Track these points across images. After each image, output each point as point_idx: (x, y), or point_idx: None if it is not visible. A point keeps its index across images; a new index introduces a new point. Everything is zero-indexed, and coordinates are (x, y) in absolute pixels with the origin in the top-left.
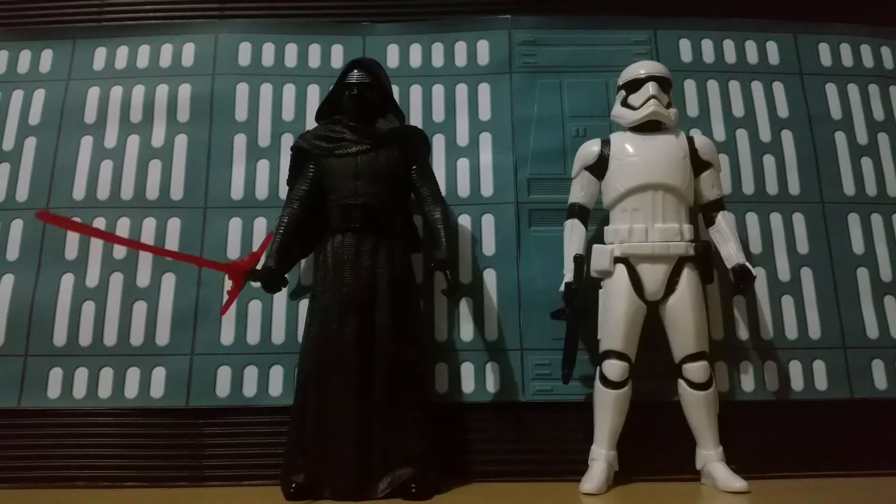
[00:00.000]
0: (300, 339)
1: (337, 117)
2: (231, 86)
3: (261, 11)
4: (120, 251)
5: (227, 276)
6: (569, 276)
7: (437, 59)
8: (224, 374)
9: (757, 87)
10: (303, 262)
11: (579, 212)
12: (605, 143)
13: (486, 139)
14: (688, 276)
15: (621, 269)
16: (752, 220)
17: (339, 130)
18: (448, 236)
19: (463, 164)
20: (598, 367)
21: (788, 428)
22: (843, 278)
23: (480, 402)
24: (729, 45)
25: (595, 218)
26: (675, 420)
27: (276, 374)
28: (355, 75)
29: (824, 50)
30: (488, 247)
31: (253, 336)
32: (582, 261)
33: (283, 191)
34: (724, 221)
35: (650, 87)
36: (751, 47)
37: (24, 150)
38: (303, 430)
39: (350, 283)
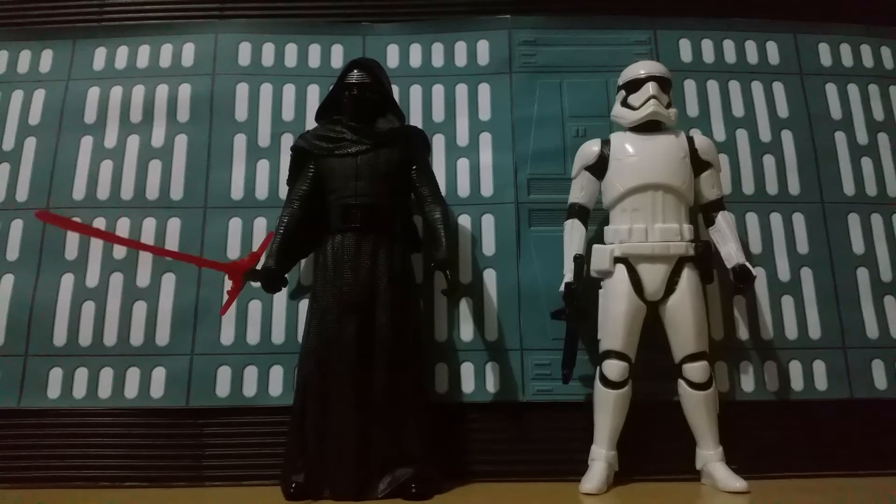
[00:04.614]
0: (300, 339)
1: (337, 117)
2: (231, 86)
3: (261, 11)
4: (120, 251)
5: (227, 276)
6: (569, 276)
7: (437, 59)
8: (224, 374)
9: (757, 87)
10: (303, 262)
11: (579, 212)
12: (605, 143)
13: (486, 139)
14: (688, 276)
15: (621, 269)
16: (752, 220)
17: (339, 130)
18: (448, 236)
19: (463, 164)
20: (598, 367)
21: (788, 428)
22: (843, 278)
23: (480, 402)
24: (729, 45)
25: (595, 218)
26: (675, 420)
27: (276, 374)
28: (355, 75)
29: (824, 50)
30: (488, 247)
31: (253, 336)
32: (582, 261)
33: (283, 191)
34: (724, 221)
35: (650, 87)
36: (751, 47)
37: (24, 150)
38: (303, 430)
39: (350, 283)
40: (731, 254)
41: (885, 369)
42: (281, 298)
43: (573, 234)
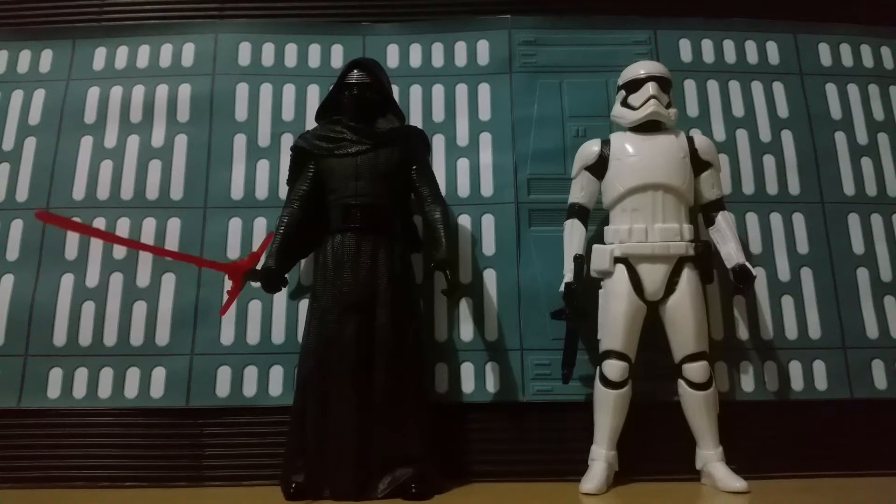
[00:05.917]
0: (300, 339)
1: (337, 117)
2: (231, 86)
3: (261, 11)
4: (120, 251)
5: (226, 276)
6: (569, 276)
7: (437, 59)
8: (224, 374)
9: (757, 87)
10: (303, 262)
11: (579, 212)
12: (605, 143)
13: (485, 139)
14: (688, 276)
15: (621, 269)
16: (752, 220)
17: (339, 130)
18: (448, 236)
19: (463, 164)
20: (598, 367)
21: (788, 428)
22: (843, 278)
23: (480, 402)
24: (729, 45)
25: (595, 218)
26: (675, 420)
27: (276, 374)
28: (355, 75)
29: (824, 50)
30: (488, 247)
31: (253, 336)
32: (582, 261)
33: (283, 191)
34: (723, 221)
35: (650, 87)
36: (751, 47)
37: (24, 150)
38: (303, 430)
39: (350, 283)
40: (731, 254)
41: (885, 369)
42: (281, 298)
43: (573, 234)
